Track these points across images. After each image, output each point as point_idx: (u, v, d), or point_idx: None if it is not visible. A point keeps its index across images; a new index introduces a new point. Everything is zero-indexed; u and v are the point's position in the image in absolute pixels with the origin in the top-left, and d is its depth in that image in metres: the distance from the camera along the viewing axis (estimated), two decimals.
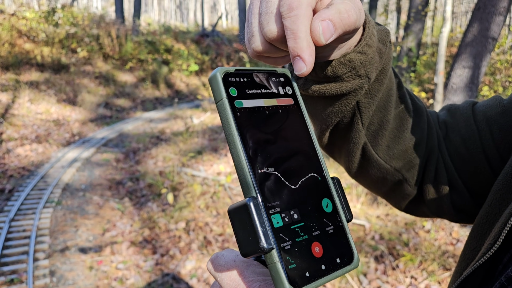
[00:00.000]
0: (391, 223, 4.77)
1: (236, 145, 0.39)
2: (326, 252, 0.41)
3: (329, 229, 0.42)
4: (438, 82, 7.67)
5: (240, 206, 0.38)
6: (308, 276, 0.39)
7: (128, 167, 6.78)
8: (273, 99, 0.44)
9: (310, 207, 0.42)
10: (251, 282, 0.43)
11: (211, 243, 4.35)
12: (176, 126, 9.11)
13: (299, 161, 0.43)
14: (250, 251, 0.38)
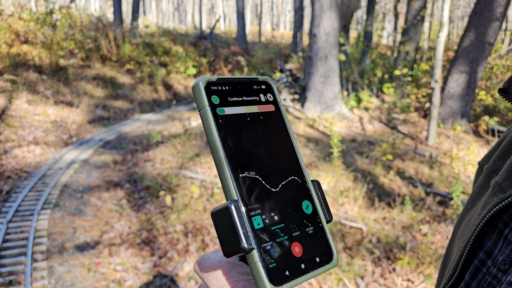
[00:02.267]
0: (388, 226, 4.80)
1: (218, 150, 0.41)
2: (306, 251, 0.43)
3: (308, 229, 0.44)
4: (435, 87, 7.72)
5: (222, 209, 0.40)
6: (288, 275, 0.40)
7: (126, 169, 6.78)
8: (255, 106, 0.46)
9: (291, 209, 0.44)
10: (236, 282, 0.45)
11: (209, 246, 4.36)
12: (174, 128, 9.12)
13: (280, 165, 0.45)
14: (232, 252, 0.40)
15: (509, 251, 0.61)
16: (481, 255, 0.65)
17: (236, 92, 0.45)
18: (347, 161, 6.73)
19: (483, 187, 0.77)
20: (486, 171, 0.78)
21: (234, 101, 0.44)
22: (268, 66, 16.01)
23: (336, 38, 9.54)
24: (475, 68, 9.12)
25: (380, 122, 9.44)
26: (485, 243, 0.65)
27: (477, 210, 0.72)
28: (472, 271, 0.66)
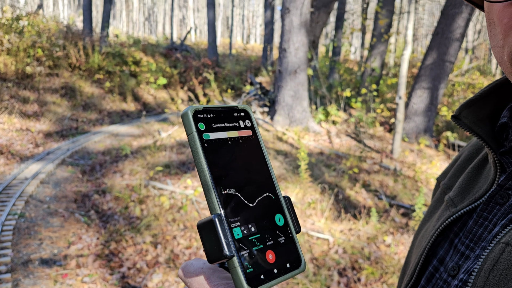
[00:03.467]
0: (354, 238, 4.95)
1: (204, 171, 0.47)
2: (278, 258, 0.49)
3: (280, 239, 0.50)
4: (400, 102, 8.02)
5: (207, 221, 0.46)
6: (263, 278, 0.46)
7: (94, 180, 6.71)
8: (235, 131, 0.52)
9: (265, 221, 0.50)
10: (217, 285, 0.51)
11: (179, 257, 4.38)
12: (144, 139, 9.08)
13: (256, 183, 0.51)
14: (215, 258, 0.46)
15: (457, 258, 0.67)
16: (435, 262, 0.72)
17: (219, 119, 0.51)
18: (315, 174, 6.88)
19: (439, 202, 0.84)
20: (443, 187, 0.86)
21: (217, 127, 0.50)
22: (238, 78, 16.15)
23: (305, 53, 9.77)
24: (438, 85, 9.53)
25: (347, 136, 9.69)
26: (438, 251, 0.73)
27: (433, 222, 0.80)
28: (427, 276, 0.73)
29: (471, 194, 0.74)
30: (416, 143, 9.32)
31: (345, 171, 7.08)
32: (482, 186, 0.73)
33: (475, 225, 0.67)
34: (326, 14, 11.19)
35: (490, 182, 0.70)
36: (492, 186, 0.69)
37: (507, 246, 0.54)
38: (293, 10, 9.45)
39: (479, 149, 0.84)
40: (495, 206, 0.65)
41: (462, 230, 0.70)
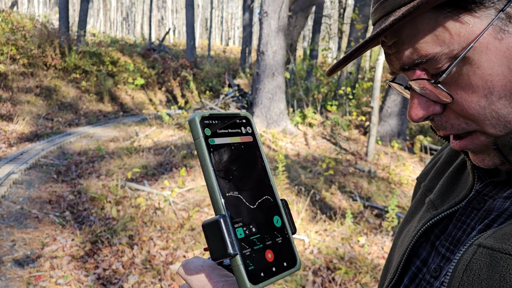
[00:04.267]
0: (329, 238, 5.04)
1: (210, 174, 0.49)
2: (276, 257, 0.52)
3: (278, 239, 0.53)
4: (374, 106, 8.18)
5: (212, 222, 0.48)
6: (263, 276, 0.49)
7: (70, 180, 6.64)
8: (238, 137, 0.55)
9: (265, 223, 0.52)
10: (216, 283, 0.55)
11: (155, 257, 4.39)
12: (121, 140, 9.01)
13: (257, 187, 0.54)
14: (220, 256, 0.48)
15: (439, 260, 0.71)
16: (418, 263, 0.75)
17: (223, 125, 0.54)
18: (291, 175, 6.97)
19: (420, 203, 0.88)
20: (423, 189, 0.89)
21: (222, 133, 0.53)
22: (216, 80, 16.17)
23: (283, 56, 9.88)
24: None
25: (323, 138, 9.83)
26: (421, 252, 0.76)
27: (414, 223, 0.83)
28: (410, 276, 0.76)
29: (451, 198, 0.78)
30: (390, 146, 9.52)
31: (321, 173, 7.19)
32: (461, 190, 0.77)
33: (454, 228, 0.71)
34: (304, 18, 11.33)
35: (469, 187, 0.74)
36: (471, 192, 0.74)
37: (478, 247, 0.57)
38: (271, 13, 9.54)
39: (457, 152, 0.88)
40: (472, 211, 0.70)
41: (443, 232, 0.75)
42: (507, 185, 0.69)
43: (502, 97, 0.56)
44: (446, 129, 0.63)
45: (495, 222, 0.64)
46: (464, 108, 0.59)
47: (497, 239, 0.56)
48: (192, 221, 5.09)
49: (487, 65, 0.56)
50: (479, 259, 0.57)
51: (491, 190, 0.70)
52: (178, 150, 7.62)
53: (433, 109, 0.63)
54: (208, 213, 5.31)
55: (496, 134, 0.59)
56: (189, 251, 4.50)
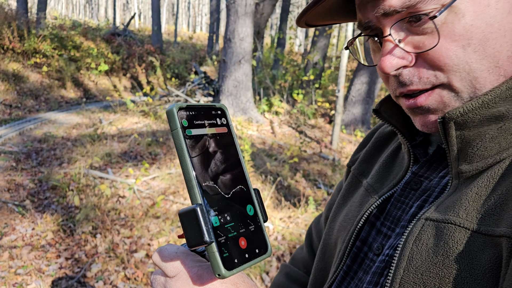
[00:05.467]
0: (293, 225, 5.13)
1: (187, 165, 0.51)
2: (249, 244, 0.54)
3: (251, 227, 0.55)
4: (339, 95, 8.32)
5: (190, 210, 0.50)
6: (237, 262, 0.52)
7: (30, 168, 6.46)
8: (213, 128, 0.56)
9: (238, 211, 0.54)
10: (191, 268, 0.57)
11: (119, 246, 4.36)
12: (84, 127, 8.81)
13: (231, 176, 0.56)
14: (196, 244, 0.50)
15: (381, 239, 0.76)
16: (358, 243, 0.80)
17: (200, 116, 0.55)
18: (257, 163, 7.02)
19: (353, 186, 0.93)
20: (354, 172, 0.94)
21: (198, 124, 0.54)
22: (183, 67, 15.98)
23: (250, 44, 9.86)
24: (375, 79, 9.97)
25: (289, 127, 9.93)
26: (361, 233, 0.81)
27: (353, 207, 0.87)
28: (351, 256, 0.80)
29: (388, 180, 0.82)
30: (354, 135, 9.72)
31: (286, 161, 7.28)
32: (398, 173, 0.82)
33: (394, 209, 0.76)
34: (271, 5, 11.32)
35: (405, 169, 0.79)
36: (407, 173, 0.79)
37: (426, 220, 0.63)
38: (238, 0, 9.48)
39: (388, 139, 0.93)
40: (410, 192, 0.75)
41: (382, 213, 0.79)
42: (440, 165, 0.74)
43: (476, 51, 0.60)
44: (412, 83, 0.66)
45: (430, 196, 0.70)
46: (442, 56, 0.61)
47: (441, 212, 0.63)
48: (157, 209, 5.07)
49: (470, 16, 0.59)
50: (426, 231, 0.62)
51: (426, 171, 0.75)
52: (143, 138, 7.53)
53: (407, 60, 0.65)
54: (173, 201, 5.30)
55: (461, 90, 0.63)
56: (154, 239, 4.49)
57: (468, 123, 0.63)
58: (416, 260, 0.61)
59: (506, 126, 0.62)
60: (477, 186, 0.61)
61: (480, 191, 0.60)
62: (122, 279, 3.85)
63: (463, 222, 0.59)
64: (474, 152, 0.64)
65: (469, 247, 0.57)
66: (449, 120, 0.63)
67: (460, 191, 0.64)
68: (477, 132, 0.63)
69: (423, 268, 0.60)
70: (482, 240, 0.57)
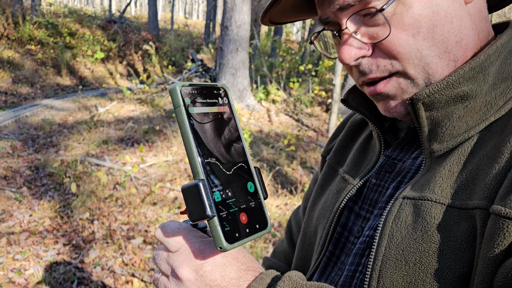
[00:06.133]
0: (289, 212, 5.17)
1: (190, 141, 0.52)
2: (250, 220, 0.56)
3: (251, 204, 0.57)
4: (336, 83, 8.31)
5: (192, 186, 0.51)
6: (238, 236, 0.53)
7: (27, 155, 6.45)
8: (215, 107, 0.57)
9: (240, 188, 0.56)
10: (193, 243, 0.59)
11: (116, 232, 4.38)
12: (80, 115, 8.78)
13: (233, 154, 0.57)
14: (198, 218, 0.51)
15: (360, 222, 0.78)
16: (338, 229, 0.83)
17: (202, 95, 0.56)
18: (254, 151, 7.04)
19: (329, 175, 0.95)
20: (330, 162, 0.97)
21: (201, 102, 0.55)
22: (179, 54, 15.90)
23: (247, 32, 9.81)
24: None
25: (286, 115, 9.93)
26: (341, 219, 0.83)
27: (330, 194, 0.89)
28: (333, 242, 0.83)
29: (363, 167, 0.85)
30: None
31: (283, 149, 7.30)
32: (371, 159, 0.85)
33: (370, 192, 0.79)
34: None
35: (377, 154, 0.82)
36: (379, 158, 0.81)
37: (404, 199, 0.66)
38: None
39: (359, 127, 0.96)
40: (385, 174, 0.78)
41: (359, 198, 0.82)
42: (412, 147, 0.77)
43: (426, 38, 0.64)
44: (371, 72, 0.69)
45: (405, 177, 0.73)
46: (394, 45, 0.65)
47: (417, 190, 0.66)
48: (154, 196, 5.08)
49: (417, 6, 0.63)
50: (404, 209, 0.65)
51: (399, 154, 0.78)
52: (140, 125, 7.52)
53: (365, 50, 0.68)
54: (170, 188, 5.31)
55: (415, 76, 0.66)
56: (151, 225, 4.51)
57: (435, 103, 0.66)
58: (396, 238, 0.64)
59: (471, 105, 0.65)
60: (449, 164, 0.65)
61: (452, 168, 0.64)
62: (120, 264, 3.88)
63: (439, 198, 0.62)
64: (444, 132, 0.67)
65: (446, 221, 0.60)
66: (417, 101, 0.66)
67: (433, 170, 0.67)
68: (444, 113, 0.66)
69: (403, 245, 0.63)
70: (457, 214, 0.60)
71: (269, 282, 0.56)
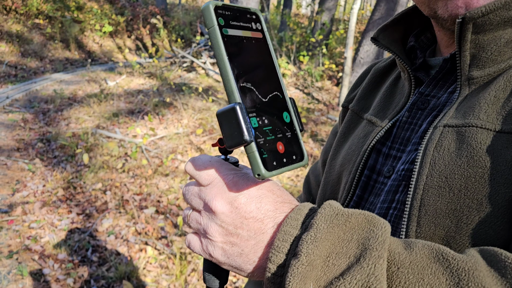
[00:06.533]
0: (300, 183, 5.17)
1: (225, 63, 0.49)
2: (287, 150, 0.53)
3: (288, 134, 0.55)
4: (348, 56, 8.20)
5: (229, 109, 0.48)
6: (275, 165, 0.51)
7: (38, 128, 6.48)
8: (248, 31, 0.54)
9: (275, 116, 0.54)
10: (226, 175, 0.56)
11: (129, 202, 4.41)
12: (90, 88, 8.78)
13: (267, 82, 0.54)
14: (236, 143, 0.49)
15: (391, 162, 0.76)
16: (367, 172, 0.80)
17: (236, 18, 0.53)
18: None
19: (353, 123, 0.92)
20: (353, 109, 0.94)
21: (234, 25, 0.52)
22: (188, 29, 15.73)
23: (257, 4, 9.65)
24: None
25: (296, 88, 9.85)
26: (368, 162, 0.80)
27: (355, 139, 0.86)
28: (361, 186, 0.80)
29: (391, 109, 0.82)
30: None
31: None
32: (400, 99, 0.82)
33: (401, 131, 0.76)
34: None
35: (407, 95, 0.79)
36: (409, 98, 0.79)
37: (445, 127, 0.64)
38: None
39: (384, 74, 0.94)
40: (417, 112, 0.75)
41: (388, 139, 0.79)
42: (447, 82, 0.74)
43: None
44: None
45: (442, 111, 0.70)
46: None
47: (459, 118, 0.64)
48: (166, 167, 5.10)
49: None
50: (447, 136, 0.63)
51: (433, 90, 0.75)
52: (150, 99, 7.50)
53: None
54: (182, 160, 5.32)
55: None
56: (163, 196, 4.54)
57: (486, 25, 0.63)
58: (439, 165, 0.62)
59: None
60: (495, 90, 0.62)
61: (498, 94, 0.62)
62: (133, 233, 3.92)
63: (485, 124, 0.60)
64: (488, 57, 0.64)
65: (494, 146, 0.58)
66: (469, 21, 0.63)
67: (475, 97, 0.65)
68: (492, 36, 0.63)
69: (447, 172, 0.60)
70: (505, 139, 0.58)
71: (307, 212, 0.54)
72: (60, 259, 3.55)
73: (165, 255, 3.59)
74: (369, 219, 0.52)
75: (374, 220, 0.51)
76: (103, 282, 3.31)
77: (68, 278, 3.34)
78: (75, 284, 3.29)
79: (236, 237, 0.54)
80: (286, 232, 0.51)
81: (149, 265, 3.50)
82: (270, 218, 0.54)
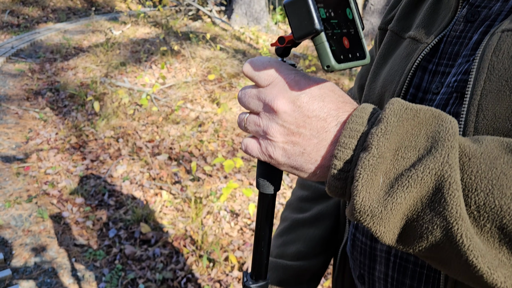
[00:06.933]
0: None
1: None
2: (351, 46, 0.53)
3: (351, 31, 0.55)
4: (358, 2, 7.96)
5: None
6: (342, 59, 0.51)
7: (46, 78, 6.45)
8: None
9: (340, 11, 0.54)
10: (287, 74, 0.55)
11: (141, 149, 4.45)
12: (95, 38, 8.64)
13: None
14: (305, 33, 0.49)
15: (439, 78, 0.72)
16: (412, 90, 0.77)
17: None
18: None
19: (393, 44, 0.88)
20: (393, 30, 0.89)
21: None
22: None
23: None
24: None
25: None
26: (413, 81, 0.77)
27: (398, 59, 0.82)
28: None
29: (436, 25, 0.78)
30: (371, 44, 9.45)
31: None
32: (446, 14, 0.77)
33: (449, 46, 0.73)
34: None
35: (454, 8, 0.75)
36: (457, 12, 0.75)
37: (503, 32, 0.60)
38: None
39: None
40: (467, 24, 0.71)
41: (434, 56, 0.75)
42: None
43: None
44: None
45: (496, 20, 0.66)
46: None
47: None
48: (176, 115, 5.10)
49: None
50: (506, 40, 0.59)
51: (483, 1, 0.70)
52: (157, 48, 7.39)
53: None
54: (191, 109, 5.31)
55: None
56: (175, 143, 4.57)
57: None
58: (498, 69, 0.59)
59: None
60: None
61: None
62: (148, 178, 3.98)
63: None
64: None
65: None
66: None
67: None
68: None
69: (507, 75, 0.58)
70: None
71: (371, 111, 0.53)
72: (78, 203, 3.63)
73: (180, 199, 3.66)
74: (436, 115, 0.51)
75: (442, 115, 0.51)
76: (121, 224, 3.39)
77: (87, 220, 3.43)
78: (94, 226, 3.39)
79: (298, 136, 0.54)
80: (352, 129, 0.51)
81: (165, 208, 3.58)
82: (333, 117, 0.54)
